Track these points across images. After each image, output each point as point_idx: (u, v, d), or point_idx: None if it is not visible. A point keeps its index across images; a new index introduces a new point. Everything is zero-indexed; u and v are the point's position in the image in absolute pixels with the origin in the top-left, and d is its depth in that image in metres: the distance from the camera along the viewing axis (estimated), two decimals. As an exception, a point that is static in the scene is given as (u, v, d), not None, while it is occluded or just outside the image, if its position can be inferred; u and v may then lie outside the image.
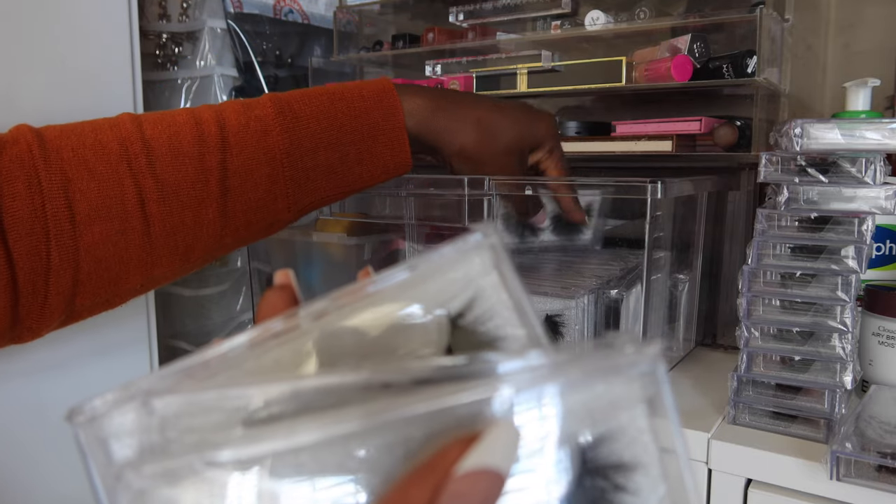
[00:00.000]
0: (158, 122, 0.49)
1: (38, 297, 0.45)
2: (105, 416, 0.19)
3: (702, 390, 0.58)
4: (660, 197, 0.51)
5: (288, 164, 0.51)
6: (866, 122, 0.48)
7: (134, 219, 0.47)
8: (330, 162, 0.52)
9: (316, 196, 0.53)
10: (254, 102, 0.51)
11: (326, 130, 0.52)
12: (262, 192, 0.50)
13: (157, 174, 0.47)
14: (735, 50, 0.65)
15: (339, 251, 0.72)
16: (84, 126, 0.47)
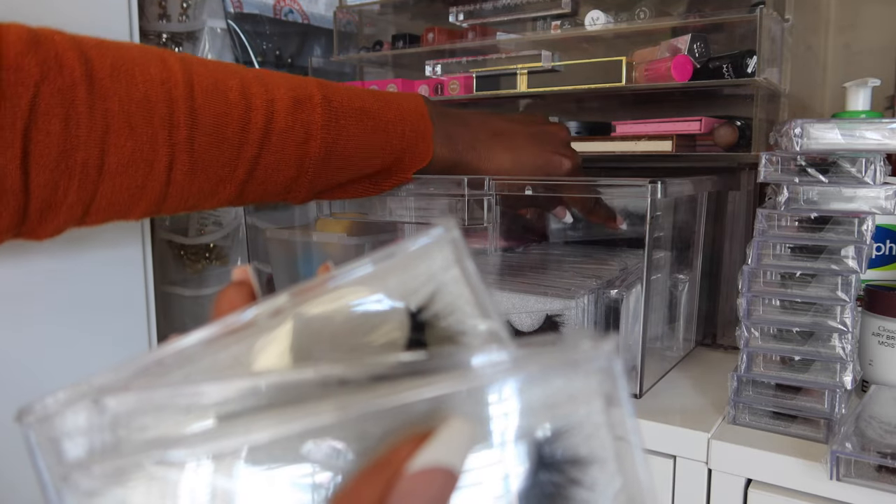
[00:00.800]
0: (210, 94, 0.48)
1: (44, 223, 0.45)
2: (56, 416, 0.18)
3: (702, 390, 0.58)
4: (660, 197, 0.51)
5: (314, 171, 0.53)
6: (866, 122, 0.48)
7: (157, 181, 0.47)
8: (353, 175, 0.56)
9: (328, 195, 0.57)
10: (304, 99, 0.52)
11: (360, 150, 0.55)
12: (282, 185, 0.53)
13: (193, 150, 0.47)
14: (735, 50, 0.65)
15: (339, 251, 0.72)
16: (136, 70, 0.45)
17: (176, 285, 0.96)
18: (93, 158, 0.44)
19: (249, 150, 0.50)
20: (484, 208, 0.59)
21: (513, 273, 0.64)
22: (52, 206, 0.44)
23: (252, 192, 0.52)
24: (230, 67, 0.51)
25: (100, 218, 0.48)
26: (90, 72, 0.44)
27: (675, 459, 0.51)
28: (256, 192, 0.52)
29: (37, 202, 0.43)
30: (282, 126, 0.50)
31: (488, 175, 0.59)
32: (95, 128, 0.43)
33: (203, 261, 1.00)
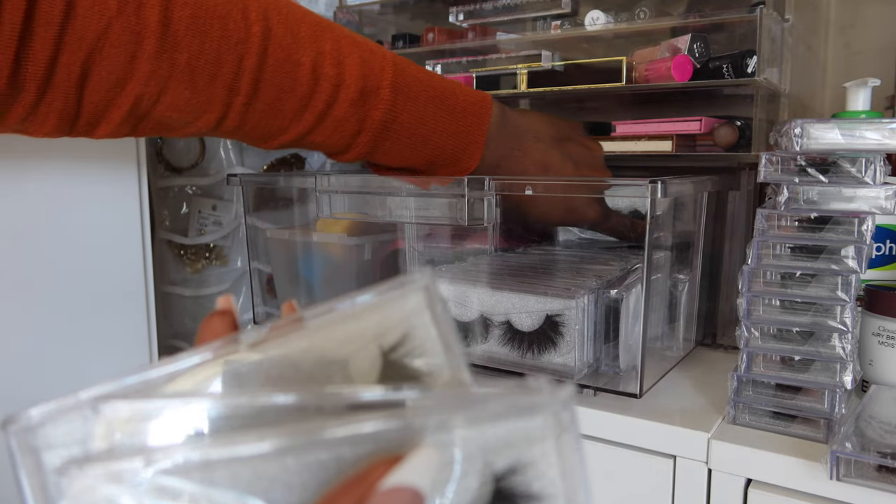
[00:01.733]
0: (280, 67, 0.48)
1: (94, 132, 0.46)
2: (40, 427, 0.19)
3: (702, 390, 0.58)
4: (660, 197, 0.51)
5: (356, 154, 0.56)
6: (866, 122, 0.48)
7: (205, 126, 0.49)
8: (405, 159, 0.57)
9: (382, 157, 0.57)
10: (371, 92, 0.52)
11: (404, 154, 0.57)
12: (323, 153, 0.56)
13: (246, 114, 0.49)
14: (735, 50, 0.65)
15: (340, 251, 0.72)
16: (214, 24, 0.45)
17: (176, 285, 0.96)
18: (148, 96, 0.45)
19: (300, 127, 0.51)
20: (484, 208, 0.59)
21: (513, 273, 0.64)
22: (101, 121, 0.45)
23: (288, 148, 0.55)
24: (311, 33, 0.50)
25: (146, 134, 0.49)
26: (167, 18, 0.43)
27: (675, 459, 0.51)
28: (292, 148, 0.56)
29: (86, 117, 0.44)
30: (339, 114, 0.51)
31: (519, 203, 0.60)
32: (159, 73, 0.44)
33: (203, 261, 1.00)
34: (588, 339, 0.57)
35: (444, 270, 0.65)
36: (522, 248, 0.74)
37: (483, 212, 0.59)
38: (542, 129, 0.63)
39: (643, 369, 0.54)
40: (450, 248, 0.70)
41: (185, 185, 0.96)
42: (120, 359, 0.74)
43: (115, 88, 0.43)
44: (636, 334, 0.56)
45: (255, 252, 0.81)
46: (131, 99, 0.44)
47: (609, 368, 0.58)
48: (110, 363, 0.74)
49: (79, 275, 0.69)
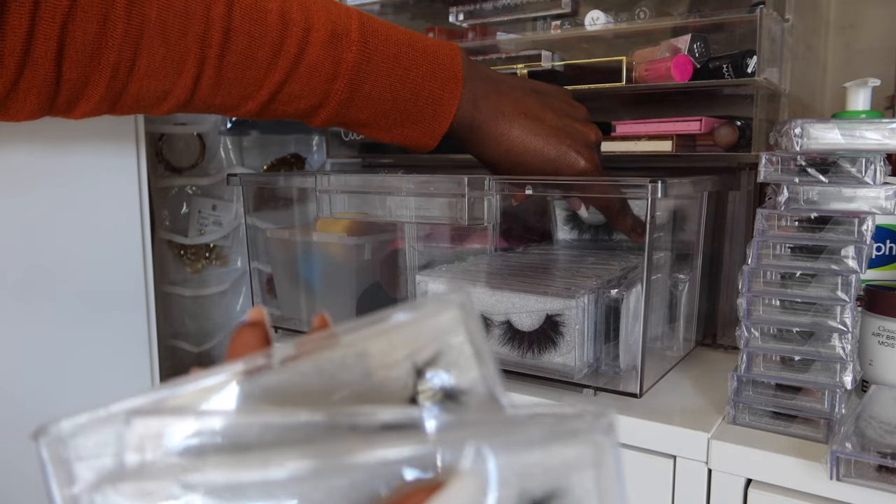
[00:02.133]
0: (248, 15, 0.49)
1: (70, 111, 0.47)
2: (71, 438, 0.19)
3: (702, 390, 0.58)
4: (660, 197, 0.51)
5: (336, 105, 0.55)
6: (866, 122, 0.48)
7: (183, 89, 0.49)
8: (373, 117, 0.57)
9: (347, 127, 0.59)
10: (342, 34, 0.53)
11: (385, 96, 0.56)
12: (303, 111, 0.55)
13: (221, 66, 0.49)
14: (735, 50, 0.65)
15: (339, 251, 0.72)
16: None
17: (176, 285, 0.96)
18: (124, 60, 0.45)
19: (276, 76, 0.51)
20: (484, 208, 0.59)
21: (513, 273, 0.64)
22: (81, 99, 0.46)
23: (272, 111, 0.54)
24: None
25: (125, 111, 0.50)
26: None
27: (675, 459, 0.51)
28: (276, 112, 0.54)
29: (66, 94, 0.45)
30: (312, 59, 0.52)
31: (497, 151, 0.58)
32: (131, 31, 0.45)
33: (203, 261, 1.00)
34: (588, 339, 0.57)
35: (444, 270, 0.65)
36: (522, 247, 0.74)
37: (483, 212, 0.59)
38: (518, 80, 0.63)
39: (643, 369, 0.54)
40: (450, 248, 0.70)
41: (185, 185, 0.96)
42: (120, 359, 0.74)
43: (91, 59, 0.44)
44: (636, 334, 0.56)
45: (255, 252, 0.81)
46: (108, 70, 0.45)
47: (609, 368, 0.58)
48: (110, 363, 0.74)
49: (79, 275, 0.69)
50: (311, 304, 0.76)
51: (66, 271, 0.67)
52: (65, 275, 0.68)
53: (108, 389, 0.73)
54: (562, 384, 0.57)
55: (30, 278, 0.65)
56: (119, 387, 0.74)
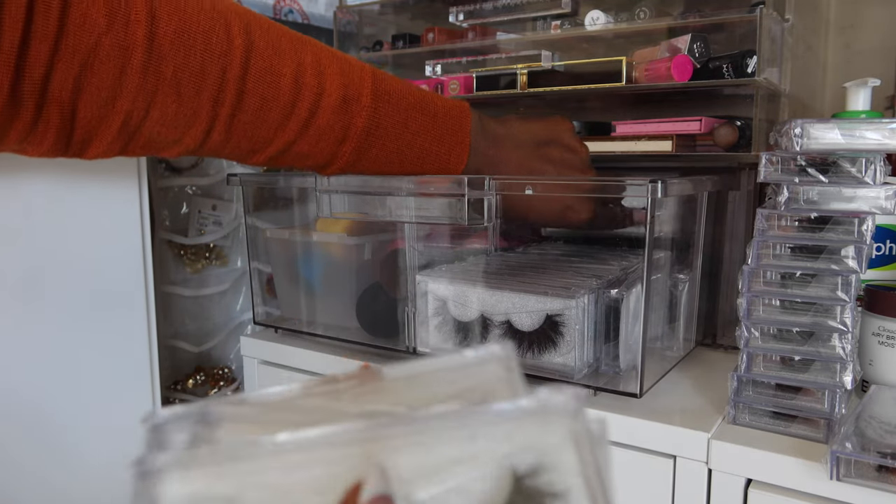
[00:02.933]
0: (263, 78, 0.50)
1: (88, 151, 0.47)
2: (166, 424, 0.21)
3: (702, 390, 0.58)
4: (660, 197, 0.51)
5: (343, 164, 0.57)
6: (866, 122, 0.48)
7: (193, 139, 0.50)
8: (380, 172, 0.60)
9: (368, 167, 0.59)
10: (353, 99, 0.54)
11: (392, 158, 0.58)
12: (310, 168, 0.58)
13: (232, 124, 0.50)
14: (735, 50, 0.65)
15: (340, 251, 0.72)
16: (198, 39, 0.47)
17: (176, 285, 0.96)
18: (138, 110, 0.46)
19: (286, 136, 0.52)
20: (484, 208, 0.59)
21: (513, 273, 0.64)
22: (95, 138, 0.46)
23: (280, 163, 0.56)
24: (292, 46, 0.52)
25: (136, 153, 0.50)
26: (153, 32, 0.45)
27: (675, 459, 0.51)
28: (284, 163, 0.56)
29: (80, 134, 0.46)
30: (323, 123, 0.53)
31: (502, 210, 0.60)
32: (146, 86, 0.46)
33: (203, 261, 1.00)
34: (588, 339, 0.57)
35: (444, 270, 0.65)
36: (522, 247, 0.74)
37: (483, 212, 0.59)
38: (522, 135, 0.63)
39: (643, 369, 0.54)
40: (450, 248, 0.70)
41: (185, 185, 0.96)
42: (120, 359, 0.74)
43: (106, 104, 0.45)
44: (636, 334, 0.56)
45: (255, 252, 0.81)
46: (121, 115, 0.46)
47: (609, 368, 0.58)
48: (110, 363, 0.74)
49: (79, 275, 0.69)
50: (311, 304, 0.76)
51: (67, 271, 0.67)
52: (65, 275, 0.68)
53: (108, 389, 0.73)
54: (562, 384, 0.57)
55: (30, 278, 0.65)
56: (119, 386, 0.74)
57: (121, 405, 0.75)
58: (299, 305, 0.77)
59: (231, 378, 1.04)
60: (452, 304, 0.62)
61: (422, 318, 0.64)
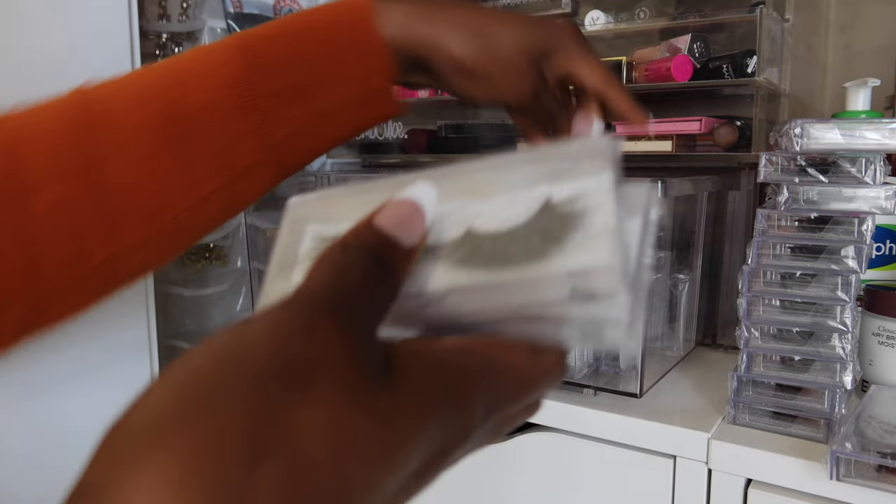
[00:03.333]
0: (107, 82, 0.44)
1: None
2: (297, 206, 0.32)
3: (702, 390, 0.58)
4: (660, 197, 0.51)
5: (249, 91, 0.44)
6: (866, 122, 0.48)
7: (83, 179, 0.42)
8: (298, 81, 0.45)
9: (290, 126, 0.46)
10: (217, 43, 0.46)
11: (290, 45, 0.45)
12: (227, 129, 0.44)
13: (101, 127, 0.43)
14: (735, 50, 0.65)
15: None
16: (25, 110, 0.43)
17: (176, 285, 0.96)
18: (9, 175, 0.41)
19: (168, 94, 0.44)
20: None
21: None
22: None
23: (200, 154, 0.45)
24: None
25: (54, 266, 0.42)
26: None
27: (675, 459, 0.51)
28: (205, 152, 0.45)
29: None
30: (189, 59, 0.45)
31: (457, 38, 0.47)
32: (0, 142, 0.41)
33: (203, 261, 1.00)
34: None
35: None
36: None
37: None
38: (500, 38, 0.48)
39: (643, 369, 0.54)
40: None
41: (185, 185, 0.96)
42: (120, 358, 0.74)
43: None
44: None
45: (255, 252, 0.81)
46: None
47: (609, 368, 0.58)
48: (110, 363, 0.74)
49: (79, 275, 0.69)
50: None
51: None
52: (65, 275, 0.68)
53: (108, 389, 0.73)
54: (562, 384, 0.57)
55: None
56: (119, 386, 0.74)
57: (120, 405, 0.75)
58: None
59: (231, 378, 1.04)
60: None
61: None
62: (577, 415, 0.54)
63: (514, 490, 0.59)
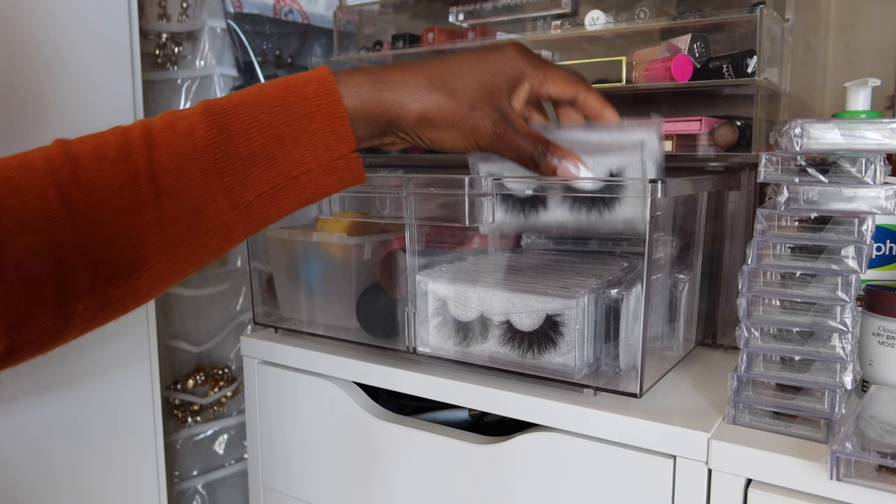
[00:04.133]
0: (86, 139, 0.46)
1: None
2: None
3: (702, 390, 0.58)
4: (660, 197, 0.51)
5: (220, 154, 0.46)
6: (866, 122, 0.48)
7: (62, 230, 0.43)
8: (265, 146, 0.47)
9: (258, 188, 0.47)
10: (184, 110, 0.48)
11: (256, 114, 0.47)
12: (198, 189, 0.46)
13: (82, 181, 0.44)
14: (735, 50, 0.65)
15: (339, 251, 0.72)
16: (7, 158, 0.45)
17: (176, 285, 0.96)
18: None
19: (139, 157, 0.45)
20: (484, 208, 0.59)
21: (513, 273, 0.64)
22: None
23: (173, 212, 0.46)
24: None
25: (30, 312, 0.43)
26: None
27: (675, 459, 0.51)
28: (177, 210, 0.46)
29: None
30: (161, 126, 0.46)
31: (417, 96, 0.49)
32: None
33: (203, 261, 1.00)
34: (588, 339, 0.57)
35: (443, 270, 0.65)
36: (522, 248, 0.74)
37: (483, 212, 0.59)
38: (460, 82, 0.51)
39: (643, 369, 0.54)
40: (450, 248, 0.70)
41: (185, 184, 0.96)
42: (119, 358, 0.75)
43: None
44: (636, 334, 0.56)
45: (256, 252, 0.81)
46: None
47: (609, 368, 0.58)
48: (110, 362, 0.74)
49: (79, 275, 0.69)
50: (312, 303, 0.76)
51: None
52: (65, 275, 0.68)
53: (107, 388, 0.73)
54: (562, 384, 0.57)
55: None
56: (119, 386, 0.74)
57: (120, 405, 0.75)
58: (299, 305, 0.77)
59: (231, 378, 1.04)
60: (452, 303, 0.62)
61: (422, 318, 0.64)
62: (577, 415, 0.54)
63: (514, 490, 0.59)
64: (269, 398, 0.76)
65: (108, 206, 0.44)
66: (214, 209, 0.47)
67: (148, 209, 0.45)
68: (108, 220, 0.44)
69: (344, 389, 0.70)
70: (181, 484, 1.01)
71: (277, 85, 0.48)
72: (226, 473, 1.05)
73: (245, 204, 0.47)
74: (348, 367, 0.69)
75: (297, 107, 0.47)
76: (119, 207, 0.45)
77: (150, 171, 0.45)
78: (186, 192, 0.46)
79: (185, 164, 0.46)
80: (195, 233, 0.47)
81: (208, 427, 1.03)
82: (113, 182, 0.44)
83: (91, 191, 0.44)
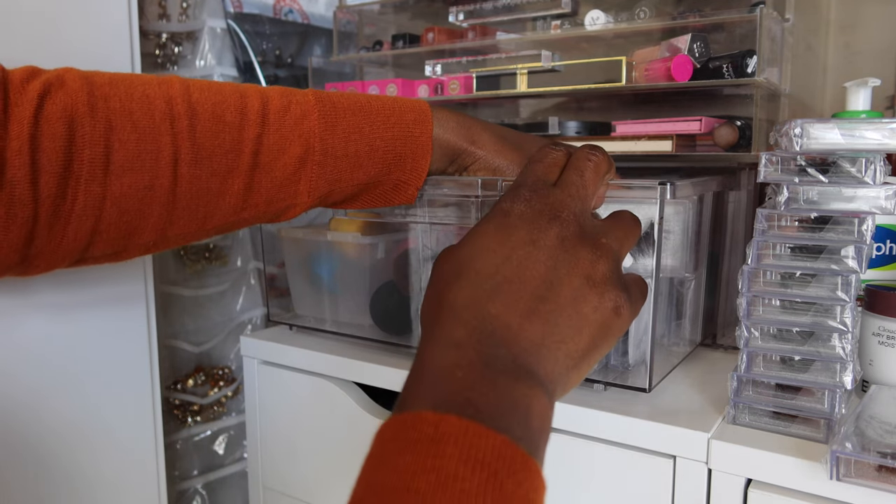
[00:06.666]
0: (206, 89, 0.50)
1: (54, 239, 0.45)
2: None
3: (702, 390, 0.58)
4: (668, 198, 0.51)
5: (320, 149, 0.52)
6: (866, 122, 0.48)
7: (164, 176, 0.47)
8: (358, 151, 0.54)
9: (337, 185, 0.54)
10: (296, 90, 0.53)
11: (361, 120, 0.54)
12: (289, 171, 0.52)
13: (195, 137, 0.48)
14: (735, 50, 0.65)
15: (353, 250, 0.72)
16: (133, 79, 0.48)
17: (176, 285, 0.96)
18: (98, 156, 0.45)
19: (251, 131, 0.50)
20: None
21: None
22: (61, 217, 0.45)
23: (261, 185, 0.51)
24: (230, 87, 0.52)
25: (110, 234, 0.47)
26: (90, 82, 0.46)
27: (675, 459, 0.51)
28: (265, 185, 0.51)
29: (45, 211, 0.44)
30: (277, 105, 0.51)
31: (496, 161, 0.58)
32: (98, 125, 0.45)
33: (203, 261, 1.00)
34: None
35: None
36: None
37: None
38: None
39: (652, 364, 0.54)
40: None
41: (185, 184, 0.96)
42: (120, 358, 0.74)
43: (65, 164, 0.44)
44: (646, 330, 0.56)
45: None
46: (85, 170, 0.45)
47: (618, 364, 0.58)
48: (110, 362, 0.74)
49: (79, 274, 0.69)
50: (325, 301, 0.76)
51: (67, 270, 0.67)
52: (65, 274, 0.68)
53: (107, 388, 0.73)
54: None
55: (30, 277, 0.65)
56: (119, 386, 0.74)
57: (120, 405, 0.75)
58: (313, 303, 0.77)
59: (231, 378, 1.04)
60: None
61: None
62: (576, 415, 0.55)
63: (515, 490, 0.59)
64: (269, 398, 0.76)
65: (209, 166, 0.49)
66: (295, 191, 0.53)
67: (240, 177, 0.50)
68: (204, 176, 0.49)
69: (344, 389, 0.70)
70: (181, 484, 1.01)
71: (386, 102, 0.56)
72: (226, 473, 1.05)
73: (320, 194, 0.54)
74: (349, 367, 0.69)
75: (397, 128, 0.55)
76: (218, 169, 0.49)
77: (257, 146, 0.50)
78: (280, 171, 0.51)
79: (286, 148, 0.51)
80: (271, 205, 0.53)
81: (208, 427, 1.03)
82: (221, 146, 0.49)
83: (201, 149, 0.49)
